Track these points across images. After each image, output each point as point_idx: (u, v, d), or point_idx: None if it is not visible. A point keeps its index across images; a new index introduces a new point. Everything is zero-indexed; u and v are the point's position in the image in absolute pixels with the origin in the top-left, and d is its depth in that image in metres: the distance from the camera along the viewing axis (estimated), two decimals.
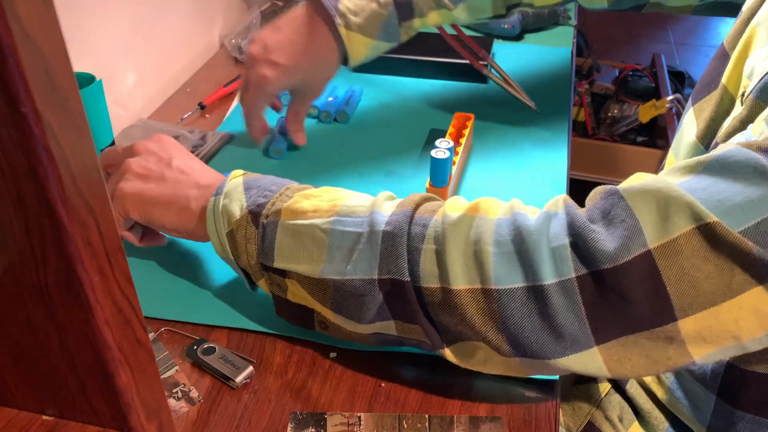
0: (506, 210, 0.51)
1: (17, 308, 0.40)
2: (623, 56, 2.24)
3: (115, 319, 0.39)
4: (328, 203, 0.55)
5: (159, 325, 0.63)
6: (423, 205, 0.53)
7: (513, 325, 0.48)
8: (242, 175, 0.60)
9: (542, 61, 1.09)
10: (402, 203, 0.53)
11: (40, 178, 0.33)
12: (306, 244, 0.53)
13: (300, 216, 0.54)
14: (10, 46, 0.29)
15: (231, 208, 0.57)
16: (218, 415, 0.55)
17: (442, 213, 0.51)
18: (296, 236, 0.54)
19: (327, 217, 0.53)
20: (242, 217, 0.56)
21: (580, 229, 0.47)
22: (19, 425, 0.46)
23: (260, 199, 0.56)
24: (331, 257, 0.52)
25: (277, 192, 0.57)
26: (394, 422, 0.54)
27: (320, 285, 0.53)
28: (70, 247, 0.35)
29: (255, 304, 0.65)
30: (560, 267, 0.46)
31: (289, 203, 0.55)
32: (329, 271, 0.52)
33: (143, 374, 0.43)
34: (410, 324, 0.52)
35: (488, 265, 0.48)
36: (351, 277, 0.51)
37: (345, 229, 0.52)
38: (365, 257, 0.51)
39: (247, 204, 0.56)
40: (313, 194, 0.56)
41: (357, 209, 0.53)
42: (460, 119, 0.85)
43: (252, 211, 0.56)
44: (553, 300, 0.46)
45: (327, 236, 0.53)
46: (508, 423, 0.54)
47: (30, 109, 0.31)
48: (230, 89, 1.01)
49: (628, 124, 1.91)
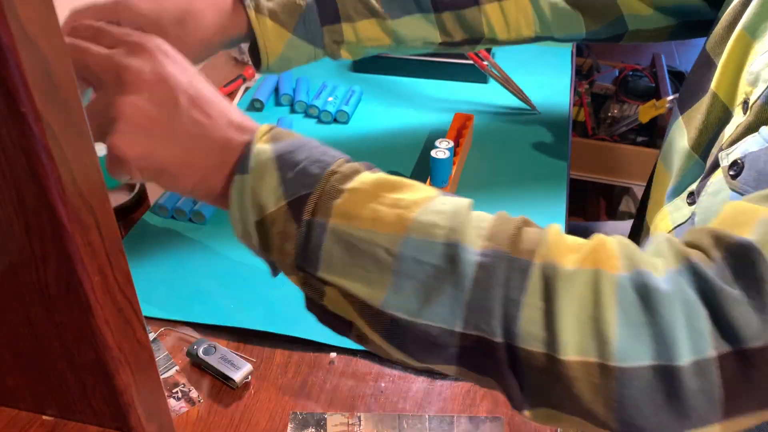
0: (627, 263, 0.41)
1: (17, 308, 0.40)
2: (623, 56, 2.23)
3: (115, 319, 0.39)
4: (394, 213, 0.43)
5: (159, 325, 0.63)
6: (519, 239, 0.42)
7: (631, 407, 0.40)
8: (270, 139, 0.46)
9: (542, 61, 1.10)
10: (493, 233, 0.42)
11: (40, 178, 0.33)
12: (364, 262, 0.43)
13: (356, 223, 0.43)
14: (10, 46, 0.29)
15: (263, 195, 0.44)
16: (218, 415, 0.55)
17: (545, 257, 0.41)
18: (351, 249, 0.43)
19: (393, 232, 0.42)
20: (278, 210, 0.44)
21: (718, 296, 0.39)
22: (19, 425, 0.46)
23: (301, 188, 0.44)
24: (398, 287, 0.42)
25: (323, 175, 0.44)
26: (394, 423, 0.54)
27: (379, 316, 0.43)
28: (70, 247, 0.35)
29: (255, 304, 0.65)
30: (697, 343, 0.39)
31: (341, 203, 0.43)
32: (395, 305, 0.42)
33: (143, 374, 0.43)
34: (483, 377, 0.43)
35: (611, 336, 0.39)
36: (425, 322, 0.42)
37: (419, 257, 0.42)
38: (446, 301, 0.41)
39: (286, 194, 0.44)
40: (369, 191, 0.44)
41: (434, 230, 0.42)
42: (460, 119, 0.85)
43: (292, 204, 0.44)
44: (685, 382, 0.39)
45: (394, 260, 0.42)
46: (508, 423, 0.54)
47: (30, 109, 0.31)
48: (230, 89, 1.01)
49: (628, 124, 1.91)
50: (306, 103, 0.95)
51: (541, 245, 0.42)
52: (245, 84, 1.03)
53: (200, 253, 0.71)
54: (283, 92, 0.97)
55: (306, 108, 0.95)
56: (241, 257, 0.70)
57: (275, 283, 0.67)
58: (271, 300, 0.65)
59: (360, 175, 0.45)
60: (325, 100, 0.94)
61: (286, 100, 0.97)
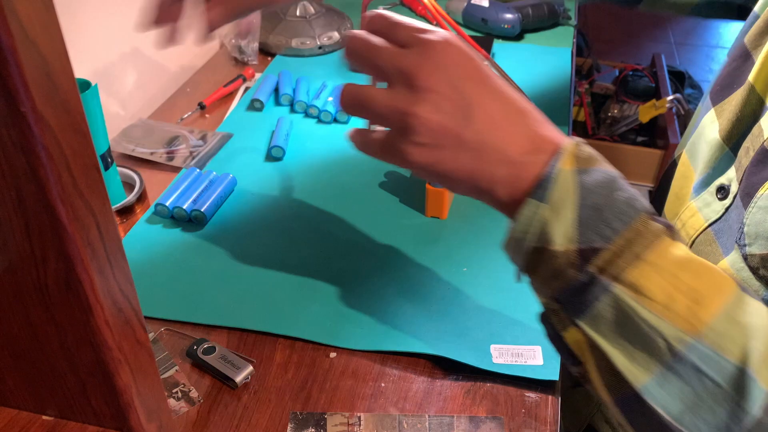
0: None
1: (17, 308, 0.40)
2: (623, 56, 2.24)
3: (115, 319, 0.39)
4: (688, 307, 0.40)
5: (159, 325, 0.63)
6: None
7: None
8: (575, 164, 0.42)
9: (542, 61, 1.09)
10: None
11: (40, 178, 0.33)
12: (636, 340, 0.41)
13: (645, 302, 0.40)
14: (11, 46, 0.29)
15: (553, 231, 0.41)
16: (218, 415, 0.55)
17: None
18: (627, 322, 0.41)
19: (681, 329, 0.39)
20: (564, 251, 0.41)
21: None
22: (19, 425, 0.46)
23: (597, 239, 0.41)
24: (665, 382, 0.40)
25: (622, 232, 0.41)
26: (394, 423, 0.54)
27: (623, 386, 0.41)
28: (70, 247, 0.35)
29: (255, 304, 0.65)
30: None
31: (636, 273, 0.40)
32: (656, 397, 0.40)
33: (143, 374, 0.43)
34: None
35: None
36: (679, 426, 0.40)
37: (702, 368, 0.39)
38: (714, 422, 0.39)
39: (579, 240, 0.41)
40: (668, 269, 0.41)
41: (726, 345, 0.39)
42: None
43: (582, 252, 0.41)
44: None
45: (672, 358, 0.40)
46: (508, 423, 0.54)
47: (30, 109, 0.31)
48: (230, 89, 1.01)
49: (628, 124, 1.91)
50: (306, 103, 0.95)
51: None
52: (245, 84, 1.03)
53: (200, 253, 0.71)
54: (283, 92, 0.97)
55: (306, 108, 0.95)
56: (241, 257, 0.70)
57: (275, 283, 0.68)
58: (271, 300, 0.65)
59: (661, 243, 0.41)
60: (325, 100, 0.94)
61: (286, 100, 0.97)
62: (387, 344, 0.61)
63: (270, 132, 0.91)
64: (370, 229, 0.74)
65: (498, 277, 0.68)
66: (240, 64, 1.09)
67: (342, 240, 0.73)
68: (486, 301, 0.65)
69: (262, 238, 0.73)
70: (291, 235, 0.73)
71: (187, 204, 0.75)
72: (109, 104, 0.91)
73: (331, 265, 0.69)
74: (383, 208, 0.78)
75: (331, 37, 1.11)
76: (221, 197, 0.77)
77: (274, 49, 1.10)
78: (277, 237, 0.73)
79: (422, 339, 0.61)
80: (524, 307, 0.64)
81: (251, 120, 0.94)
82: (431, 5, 0.91)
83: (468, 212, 0.77)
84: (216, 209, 0.76)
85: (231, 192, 0.80)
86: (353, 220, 0.76)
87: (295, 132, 0.91)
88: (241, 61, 1.09)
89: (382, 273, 0.68)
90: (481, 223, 0.75)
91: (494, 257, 0.70)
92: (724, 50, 2.80)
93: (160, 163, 0.85)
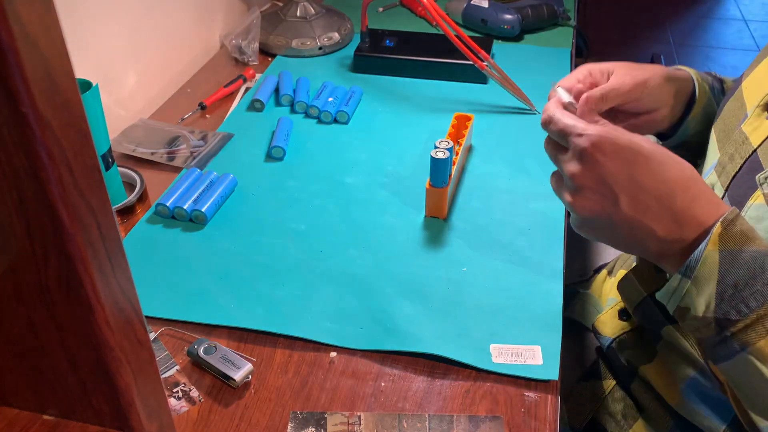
0: None
1: (17, 308, 0.40)
2: (622, 57, 2.24)
3: (116, 319, 0.39)
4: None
5: (159, 325, 0.63)
6: None
7: None
8: (722, 249, 0.49)
9: (542, 61, 1.10)
10: None
11: (41, 178, 0.33)
12: (756, 390, 0.50)
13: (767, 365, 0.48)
14: (11, 46, 0.29)
15: (694, 301, 0.50)
16: (218, 414, 0.55)
17: None
18: (751, 379, 0.49)
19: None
20: (703, 317, 0.50)
21: None
22: (20, 425, 0.46)
23: (732, 313, 0.49)
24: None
25: (756, 309, 0.48)
26: (394, 422, 0.54)
27: (750, 424, 0.52)
28: (71, 247, 0.35)
29: (255, 304, 0.65)
30: None
31: (762, 344, 0.48)
32: None
33: (144, 374, 0.43)
34: None
35: None
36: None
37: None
38: None
39: (716, 311, 0.49)
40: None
41: None
42: (460, 119, 0.86)
43: (718, 321, 0.49)
44: None
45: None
46: (508, 423, 0.55)
47: (31, 109, 0.31)
48: (230, 89, 1.01)
49: None
50: (306, 103, 0.95)
51: None
52: (245, 84, 1.03)
53: (200, 253, 0.71)
54: (283, 92, 0.97)
55: (306, 108, 0.95)
56: (242, 257, 0.70)
57: (275, 282, 0.68)
58: (271, 300, 0.65)
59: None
60: (325, 101, 0.94)
61: (286, 100, 0.97)
62: (387, 344, 0.61)
63: (270, 132, 0.91)
64: (370, 228, 0.74)
65: (498, 277, 0.68)
66: (240, 64, 1.09)
67: (342, 240, 0.73)
68: (486, 301, 0.65)
69: (262, 238, 0.73)
70: (291, 235, 0.74)
71: (187, 204, 0.75)
72: (110, 104, 0.91)
73: (331, 265, 0.69)
74: (383, 208, 0.78)
75: (332, 38, 1.11)
76: (222, 197, 0.77)
77: (274, 50, 1.10)
78: (277, 237, 0.73)
79: (422, 339, 0.61)
80: (524, 307, 0.65)
81: (252, 120, 0.94)
82: (431, 6, 0.91)
83: (468, 212, 0.77)
84: (216, 209, 0.76)
85: (231, 192, 0.80)
86: (353, 220, 0.76)
87: (296, 132, 0.91)
88: (241, 62, 1.09)
89: (382, 273, 0.68)
90: (481, 223, 0.75)
91: (494, 257, 0.70)
92: (723, 50, 2.80)
93: (160, 163, 0.85)
